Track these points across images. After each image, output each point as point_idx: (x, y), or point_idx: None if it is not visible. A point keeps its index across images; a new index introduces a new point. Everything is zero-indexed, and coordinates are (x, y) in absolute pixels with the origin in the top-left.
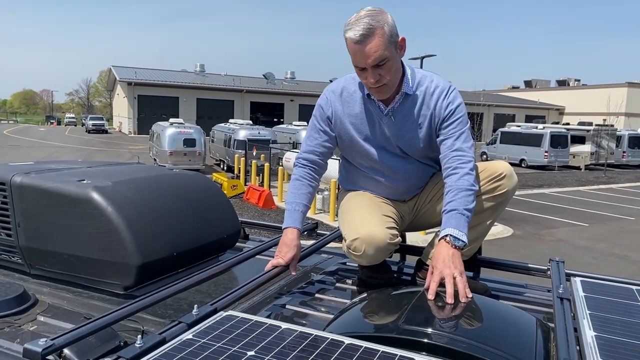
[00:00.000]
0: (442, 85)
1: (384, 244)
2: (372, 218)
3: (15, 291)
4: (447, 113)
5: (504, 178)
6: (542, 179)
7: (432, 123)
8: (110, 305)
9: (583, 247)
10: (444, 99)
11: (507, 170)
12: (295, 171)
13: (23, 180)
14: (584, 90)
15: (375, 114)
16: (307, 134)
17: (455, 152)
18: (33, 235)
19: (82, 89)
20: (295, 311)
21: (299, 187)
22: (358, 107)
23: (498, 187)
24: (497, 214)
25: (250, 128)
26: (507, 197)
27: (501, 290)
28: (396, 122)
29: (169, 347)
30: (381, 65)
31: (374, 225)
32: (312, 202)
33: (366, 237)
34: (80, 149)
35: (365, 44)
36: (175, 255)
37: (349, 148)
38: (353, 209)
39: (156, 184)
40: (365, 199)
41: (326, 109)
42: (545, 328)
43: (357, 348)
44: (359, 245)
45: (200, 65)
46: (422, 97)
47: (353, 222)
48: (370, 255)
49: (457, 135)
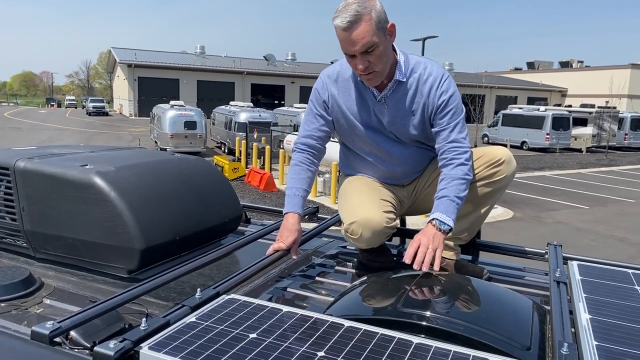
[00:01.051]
0: (435, 73)
1: (380, 228)
2: (369, 202)
3: (21, 275)
4: (441, 103)
5: (502, 164)
6: (543, 161)
7: (426, 111)
8: (114, 289)
9: (583, 229)
10: (438, 87)
11: (506, 156)
12: (294, 156)
13: (27, 165)
14: (587, 71)
15: (369, 100)
16: (305, 119)
17: (450, 143)
18: (37, 220)
19: (82, 71)
20: (296, 294)
21: (299, 172)
22: (353, 93)
23: (496, 173)
24: (495, 199)
25: (251, 110)
26: (505, 182)
27: (499, 273)
28: (389, 108)
29: (173, 329)
30: (370, 52)
31: (371, 209)
32: (312, 187)
33: (363, 220)
34: (81, 131)
35: (352, 31)
36: (178, 239)
37: (346, 133)
38: (351, 193)
39: (158, 169)
40: (364, 183)
41: (322, 93)
42: (541, 311)
43: (357, 330)
44: (356, 228)
45: (201, 47)
46: (415, 85)
47: (351, 206)
48: (367, 238)
49: (452, 126)
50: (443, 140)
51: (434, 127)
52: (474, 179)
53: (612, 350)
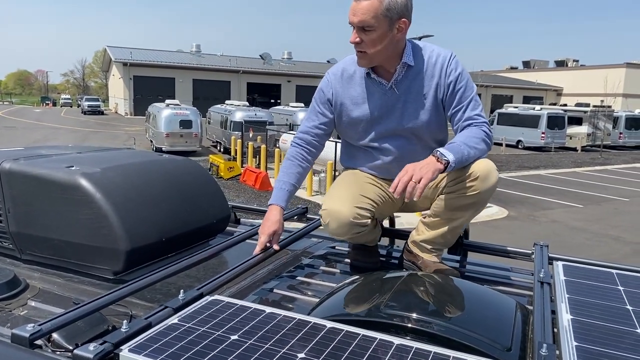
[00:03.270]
0: (443, 53)
1: (346, 221)
2: (345, 195)
3: (6, 276)
4: (451, 81)
5: (477, 180)
6: (538, 160)
7: (438, 92)
8: (100, 290)
9: (577, 228)
10: (447, 66)
11: (482, 171)
12: (289, 150)
13: (12, 167)
14: (582, 71)
15: (376, 91)
16: (306, 116)
17: (466, 121)
18: (23, 221)
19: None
20: (283, 295)
21: (289, 167)
22: (358, 87)
23: (470, 188)
24: (471, 213)
25: (247, 109)
26: (479, 198)
27: (486, 273)
28: (400, 94)
29: (154, 331)
30: (365, 31)
31: (342, 202)
32: (301, 182)
33: (332, 210)
34: (76, 130)
35: (359, 2)
36: (165, 240)
37: (347, 127)
38: (337, 184)
39: (145, 170)
40: (352, 177)
41: (326, 92)
42: (524, 311)
43: (338, 332)
44: (325, 216)
45: (196, 45)
46: (425, 67)
47: (329, 195)
48: (333, 228)
49: (466, 105)
50: (459, 120)
51: (447, 110)
52: (450, 190)
53: (591, 350)
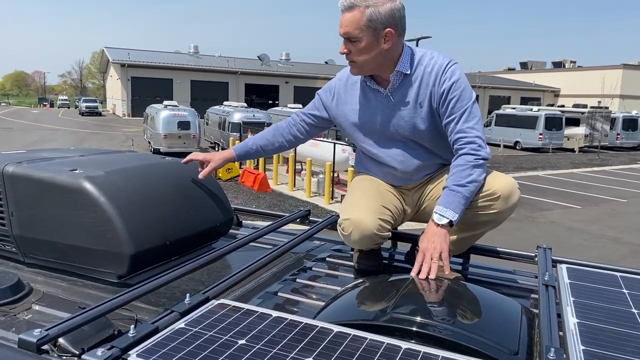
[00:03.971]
0: (440, 61)
1: (370, 233)
2: (369, 205)
3: (10, 280)
4: (444, 89)
5: (498, 199)
6: (536, 161)
7: (433, 102)
8: (104, 294)
9: (575, 229)
10: (442, 74)
11: (505, 190)
12: (279, 123)
13: (15, 170)
14: (580, 72)
15: (373, 99)
16: (309, 103)
17: (456, 134)
18: (26, 225)
19: (74, 71)
20: (287, 299)
21: (266, 133)
22: (358, 94)
23: (490, 207)
24: (487, 228)
25: (245, 110)
26: (499, 217)
27: (490, 276)
28: (396, 102)
29: (162, 336)
30: (352, 42)
31: (367, 213)
32: (267, 151)
33: (356, 221)
34: (73, 131)
35: (343, 15)
36: (168, 243)
37: (352, 133)
38: (357, 190)
39: (148, 173)
40: (371, 184)
41: (329, 93)
42: (529, 315)
43: (345, 336)
44: (347, 226)
45: (194, 46)
46: (421, 76)
47: (351, 202)
48: (355, 239)
49: (458, 116)
50: (451, 132)
51: (442, 119)
52: (470, 206)
53: (599, 354)
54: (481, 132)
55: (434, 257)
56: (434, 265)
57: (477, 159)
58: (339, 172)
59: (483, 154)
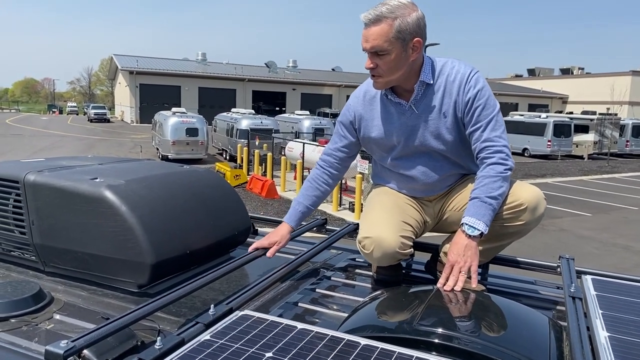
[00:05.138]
0: (463, 70)
1: (392, 251)
2: (389, 221)
3: (31, 289)
4: (469, 99)
5: (525, 211)
6: (545, 168)
7: (457, 111)
8: (124, 304)
9: (586, 237)
10: (466, 83)
11: (531, 202)
12: (312, 171)
13: (36, 179)
14: (588, 78)
15: (395, 112)
16: (332, 137)
17: (483, 143)
18: (47, 233)
19: (83, 78)
20: (307, 309)
21: (308, 189)
22: (379, 108)
23: (517, 218)
24: (513, 239)
25: (252, 117)
26: (526, 228)
27: (510, 287)
28: (420, 113)
29: (188, 348)
30: (379, 55)
31: (388, 230)
32: (318, 204)
33: (377, 238)
34: (82, 138)
35: (369, 29)
36: (188, 253)
37: (373, 148)
38: (376, 206)
39: (168, 182)
40: (390, 199)
41: (349, 115)
42: (557, 328)
43: (373, 349)
44: (368, 244)
45: (202, 53)
46: (444, 86)
47: (371, 219)
48: (377, 257)
49: (484, 124)
50: (476, 140)
51: (466, 128)
52: (495, 217)
53: None
54: (507, 142)
55: (463, 271)
56: (461, 278)
57: (506, 170)
58: (346, 179)
59: (510, 164)
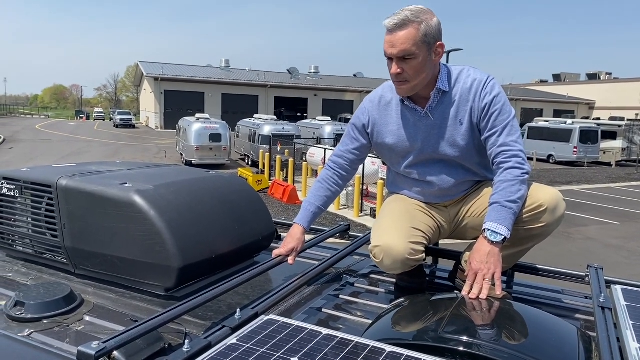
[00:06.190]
0: (479, 77)
1: (401, 258)
2: (398, 229)
3: (63, 291)
4: (485, 105)
5: (545, 212)
6: (570, 175)
7: (473, 117)
8: (151, 307)
9: (613, 246)
10: (482, 89)
11: (551, 202)
12: (322, 172)
13: (68, 183)
14: (616, 83)
15: (411, 118)
16: (342, 140)
17: (499, 148)
18: (78, 237)
19: (110, 84)
20: (331, 315)
21: (318, 190)
22: (394, 114)
23: (536, 220)
24: (535, 242)
25: (274, 123)
26: (546, 230)
27: (536, 295)
28: (436, 120)
29: (215, 351)
30: (406, 60)
31: (397, 237)
32: (328, 205)
33: (386, 247)
34: (108, 143)
35: (395, 34)
36: (214, 257)
37: (387, 154)
38: (386, 215)
39: (195, 187)
40: (401, 206)
41: (363, 118)
42: (586, 338)
43: (399, 356)
44: (378, 253)
45: (226, 60)
46: (460, 93)
47: (380, 228)
48: (388, 265)
49: (500, 129)
50: (492, 145)
51: (482, 133)
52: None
53: None
54: (523, 147)
55: (487, 278)
56: (485, 285)
57: (523, 174)
58: (368, 185)
59: (527, 168)
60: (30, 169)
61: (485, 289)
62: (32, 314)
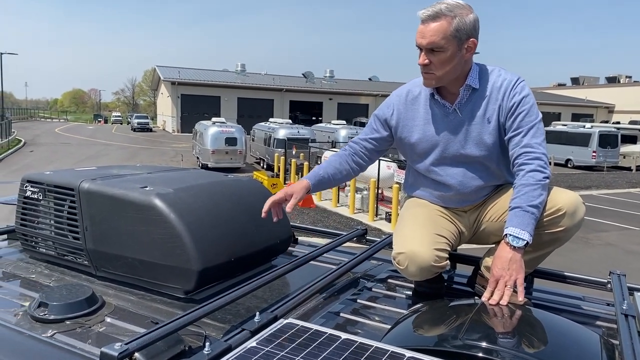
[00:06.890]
0: (509, 77)
1: (427, 265)
2: (422, 235)
3: (85, 293)
4: (513, 104)
5: (564, 216)
6: (589, 180)
7: (500, 116)
8: (171, 309)
9: (634, 252)
10: (512, 89)
11: (570, 206)
12: (336, 153)
13: (90, 187)
14: (636, 87)
15: (439, 114)
16: (363, 130)
17: (522, 148)
18: (99, 239)
19: (127, 88)
20: (349, 319)
21: (331, 161)
22: (422, 109)
23: (556, 224)
24: (554, 247)
25: (289, 127)
26: (565, 234)
27: (556, 302)
28: (464, 117)
29: (235, 354)
30: (434, 52)
31: (422, 244)
32: (337, 178)
33: (411, 254)
34: (126, 146)
35: (427, 25)
36: (233, 260)
37: (410, 150)
38: (408, 220)
39: (214, 190)
40: (423, 212)
41: (387, 111)
42: (609, 346)
43: None
44: (402, 260)
45: (241, 64)
46: (489, 91)
47: (404, 234)
48: (412, 272)
49: (525, 130)
50: (515, 145)
51: (507, 133)
52: None
53: None
54: (546, 151)
55: (509, 285)
56: (507, 292)
57: (545, 178)
58: (383, 189)
59: (548, 172)
60: (53, 172)
61: (506, 295)
62: (55, 315)
